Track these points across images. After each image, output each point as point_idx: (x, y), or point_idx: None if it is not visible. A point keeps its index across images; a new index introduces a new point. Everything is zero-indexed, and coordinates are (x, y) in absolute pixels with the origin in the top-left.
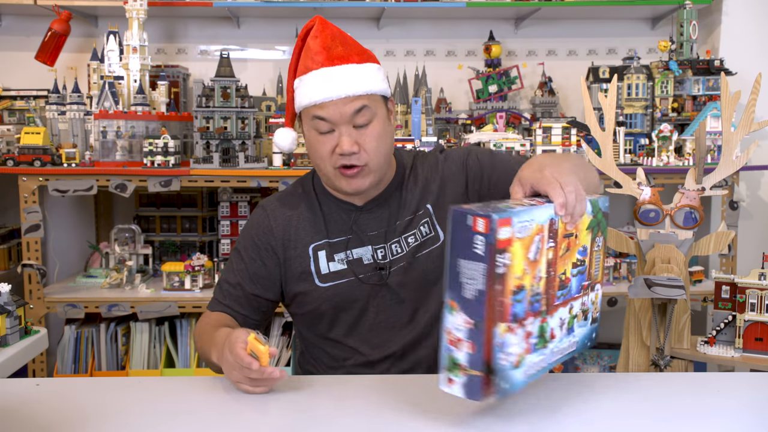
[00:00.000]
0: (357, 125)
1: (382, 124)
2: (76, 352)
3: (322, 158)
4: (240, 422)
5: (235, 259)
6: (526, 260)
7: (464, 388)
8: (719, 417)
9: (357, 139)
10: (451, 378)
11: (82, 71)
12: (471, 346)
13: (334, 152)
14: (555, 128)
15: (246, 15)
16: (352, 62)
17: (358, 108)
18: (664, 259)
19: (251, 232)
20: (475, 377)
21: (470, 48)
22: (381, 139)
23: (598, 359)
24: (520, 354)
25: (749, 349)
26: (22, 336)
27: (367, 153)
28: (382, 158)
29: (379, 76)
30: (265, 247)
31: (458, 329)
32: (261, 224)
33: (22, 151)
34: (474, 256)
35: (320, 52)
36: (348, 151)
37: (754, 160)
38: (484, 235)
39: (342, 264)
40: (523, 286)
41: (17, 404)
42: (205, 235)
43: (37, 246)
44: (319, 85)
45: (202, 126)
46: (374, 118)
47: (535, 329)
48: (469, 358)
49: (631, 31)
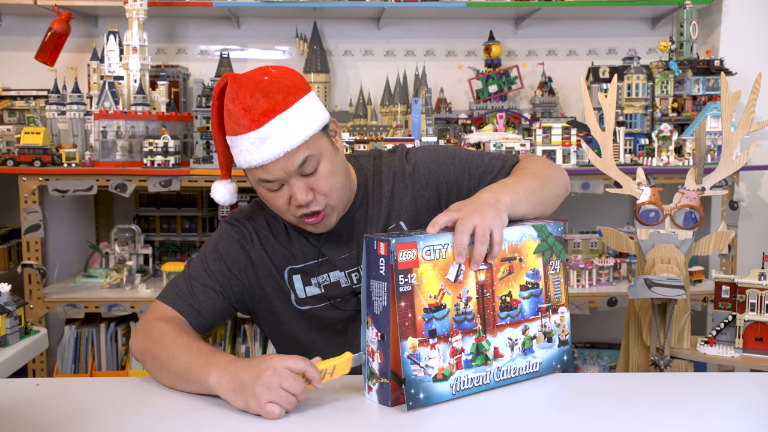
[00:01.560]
0: (305, 174)
1: (329, 162)
2: (76, 352)
3: (282, 211)
4: (240, 422)
5: (211, 258)
6: (444, 281)
7: (377, 394)
8: (719, 417)
9: (310, 186)
10: (369, 386)
11: (82, 71)
12: (381, 356)
13: (290, 204)
14: (555, 128)
15: (246, 15)
16: (279, 112)
17: (302, 160)
18: (664, 259)
19: (233, 237)
20: (385, 384)
21: (470, 48)
22: (333, 176)
23: (598, 359)
24: (443, 368)
25: (749, 349)
26: (22, 336)
27: (324, 195)
28: (340, 192)
29: (312, 108)
30: (235, 260)
31: (372, 341)
32: (231, 238)
33: (22, 151)
34: (379, 276)
35: (243, 116)
36: (304, 202)
37: (754, 160)
38: (385, 257)
39: (319, 288)
40: (443, 305)
41: (17, 404)
42: (205, 235)
43: (37, 246)
44: (253, 149)
45: (202, 126)
46: (321, 160)
47: (468, 346)
48: (379, 367)
49: (631, 31)
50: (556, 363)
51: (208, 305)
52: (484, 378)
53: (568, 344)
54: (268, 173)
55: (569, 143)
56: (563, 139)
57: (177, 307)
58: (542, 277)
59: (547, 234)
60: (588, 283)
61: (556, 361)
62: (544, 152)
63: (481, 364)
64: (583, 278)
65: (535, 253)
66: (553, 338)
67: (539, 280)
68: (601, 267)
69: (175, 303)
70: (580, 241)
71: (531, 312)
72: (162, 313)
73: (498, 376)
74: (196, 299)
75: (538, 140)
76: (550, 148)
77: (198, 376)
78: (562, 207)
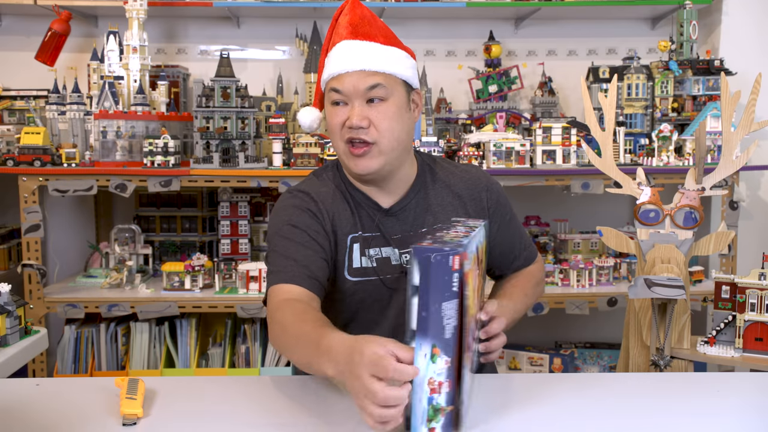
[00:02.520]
0: (370, 101)
1: (396, 107)
2: (76, 352)
3: (333, 132)
4: (240, 422)
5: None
6: (473, 290)
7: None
8: (719, 417)
9: (368, 115)
10: (433, 427)
11: (82, 71)
12: (449, 384)
13: (344, 125)
14: (555, 128)
15: (246, 15)
16: (376, 41)
17: (373, 84)
18: (664, 259)
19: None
20: (449, 413)
21: (470, 48)
22: (394, 120)
23: (598, 359)
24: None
25: (749, 349)
26: (22, 336)
27: (377, 130)
28: (394, 141)
29: (405, 62)
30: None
31: (439, 373)
32: (307, 203)
33: (22, 151)
34: (452, 295)
35: (347, 27)
36: (356, 125)
37: (754, 160)
38: (458, 272)
39: (372, 261)
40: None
41: (17, 404)
42: (205, 235)
43: (37, 246)
44: (339, 57)
45: (202, 126)
46: (389, 97)
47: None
48: (447, 397)
49: (631, 31)
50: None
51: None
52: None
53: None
54: (340, 83)
55: (569, 143)
56: (563, 139)
57: (296, 281)
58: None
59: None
60: (588, 283)
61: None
62: (544, 152)
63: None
64: (583, 278)
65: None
66: None
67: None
68: (601, 267)
69: (293, 279)
70: (580, 241)
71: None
72: (280, 294)
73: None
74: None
75: (538, 140)
76: (550, 148)
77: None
78: (562, 207)
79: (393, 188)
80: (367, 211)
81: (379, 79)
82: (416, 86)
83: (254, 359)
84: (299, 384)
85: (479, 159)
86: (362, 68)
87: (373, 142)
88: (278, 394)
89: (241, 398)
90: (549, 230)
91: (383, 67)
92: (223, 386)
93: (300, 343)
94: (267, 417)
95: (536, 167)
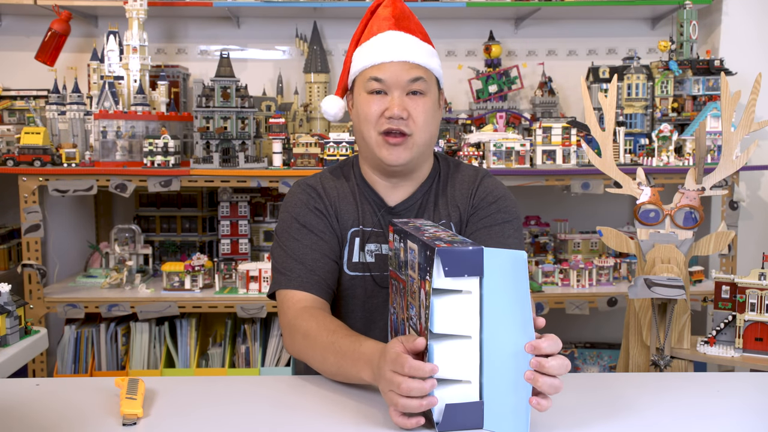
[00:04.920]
0: (411, 93)
1: (433, 102)
2: (76, 352)
3: (369, 120)
4: (240, 422)
5: (300, 233)
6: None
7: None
8: (719, 417)
9: (407, 107)
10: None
11: (82, 71)
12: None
13: (382, 115)
14: (555, 128)
15: (246, 15)
16: (415, 35)
17: (416, 77)
18: (664, 259)
19: (308, 206)
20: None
21: (470, 48)
22: (430, 115)
23: (598, 359)
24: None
25: (749, 349)
26: (22, 336)
27: (415, 123)
28: (427, 136)
29: (438, 62)
30: (326, 220)
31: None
32: (314, 199)
33: (22, 151)
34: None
35: (389, 18)
36: (398, 115)
37: (754, 160)
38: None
39: (371, 256)
40: None
41: (17, 404)
42: (205, 235)
43: (37, 246)
44: (383, 46)
45: (202, 126)
46: (428, 92)
47: None
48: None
49: (631, 31)
50: None
51: (327, 272)
52: None
53: None
54: (382, 72)
55: (569, 143)
56: (563, 139)
57: (307, 288)
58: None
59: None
60: (588, 283)
61: None
62: (544, 152)
63: None
64: (583, 278)
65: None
66: None
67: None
68: (601, 267)
69: (303, 286)
70: (580, 241)
71: None
72: (297, 302)
73: None
74: (317, 273)
75: (538, 140)
76: (550, 148)
77: (352, 377)
78: (562, 207)
79: (405, 184)
80: (372, 206)
81: (421, 72)
82: (441, 84)
83: (254, 359)
84: (299, 384)
85: (479, 159)
86: (406, 59)
87: (410, 134)
88: (278, 394)
89: (241, 398)
90: (549, 230)
91: (425, 61)
92: (223, 386)
93: (330, 352)
94: (267, 417)
95: (536, 167)
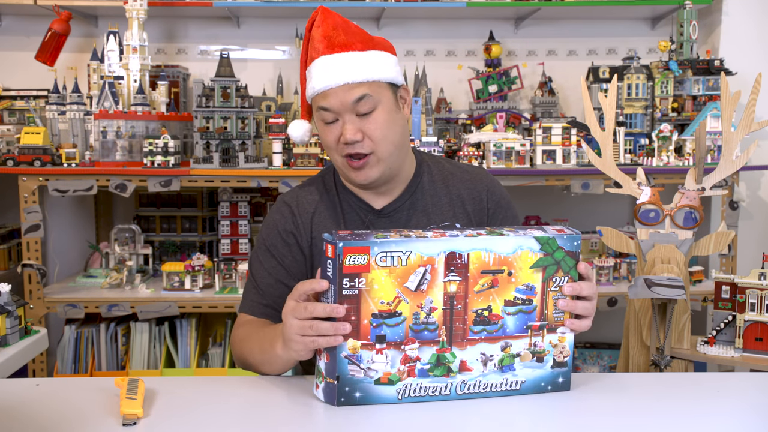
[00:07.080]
0: (360, 114)
1: (387, 112)
2: (76, 352)
3: (330, 148)
4: (240, 422)
5: (264, 257)
6: (402, 289)
7: (324, 392)
8: (719, 417)
9: (361, 128)
10: (317, 383)
11: (82, 71)
12: (327, 357)
13: (339, 141)
14: (555, 128)
15: (246, 15)
16: (354, 50)
17: (359, 96)
18: (664, 259)
19: (277, 228)
20: (330, 384)
21: (470, 48)
22: (387, 127)
23: (598, 359)
24: (389, 373)
25: (749, 349)
26: (22, 336)
27: (372, 141)
28: (390, 146)
29: (387, 63)
30: (293, 243)
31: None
32: (286, 219)
33: (22, 151)
34: (326, 277)
35: (321, 41)
36: (351, 140)
37: (754, 160)
38: (331, 260)
39: None
40: (398, 313)
41: (17, 404)
42: (205, 235)
43: (37, 246)
44: (320, 73)
45: (202, 126)
46: (378, 105)
47: (427, 356)
48: (325, 367)
49: (631, 31)
50: (546, 384)
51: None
52: (443, 389)
53: (566, 366)
54: (326, 101)
55: (569, 143)
56: (563, 139)
57: (254, 312)
58: (539, 293)
59: (555, 248)
60: None
61: (547, 382)
62: (544, 152)
63: (441, 375)
64: None
65: (533, 267)
66: (545, 358)
67: (533, 297)
68: (601, 267)
69: (252, 309)
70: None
71: (517, 329)
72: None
73: (462, 389)
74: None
75: (538, 140)
76: (550, 148)
77: (270, 354)
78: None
79: (390, 189)
80: (358, 213)
81: (364, 89)
82: (402, 83)
83: None
84: (299, 384)
85: (479, 159)
86: (345, 81)
87: (370, 153)
88: (278, 394)
89: (241, 398)
90: None
91: (366, 75)
92: (223, 386)
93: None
94: (266, 417)
95: (536, 167)
